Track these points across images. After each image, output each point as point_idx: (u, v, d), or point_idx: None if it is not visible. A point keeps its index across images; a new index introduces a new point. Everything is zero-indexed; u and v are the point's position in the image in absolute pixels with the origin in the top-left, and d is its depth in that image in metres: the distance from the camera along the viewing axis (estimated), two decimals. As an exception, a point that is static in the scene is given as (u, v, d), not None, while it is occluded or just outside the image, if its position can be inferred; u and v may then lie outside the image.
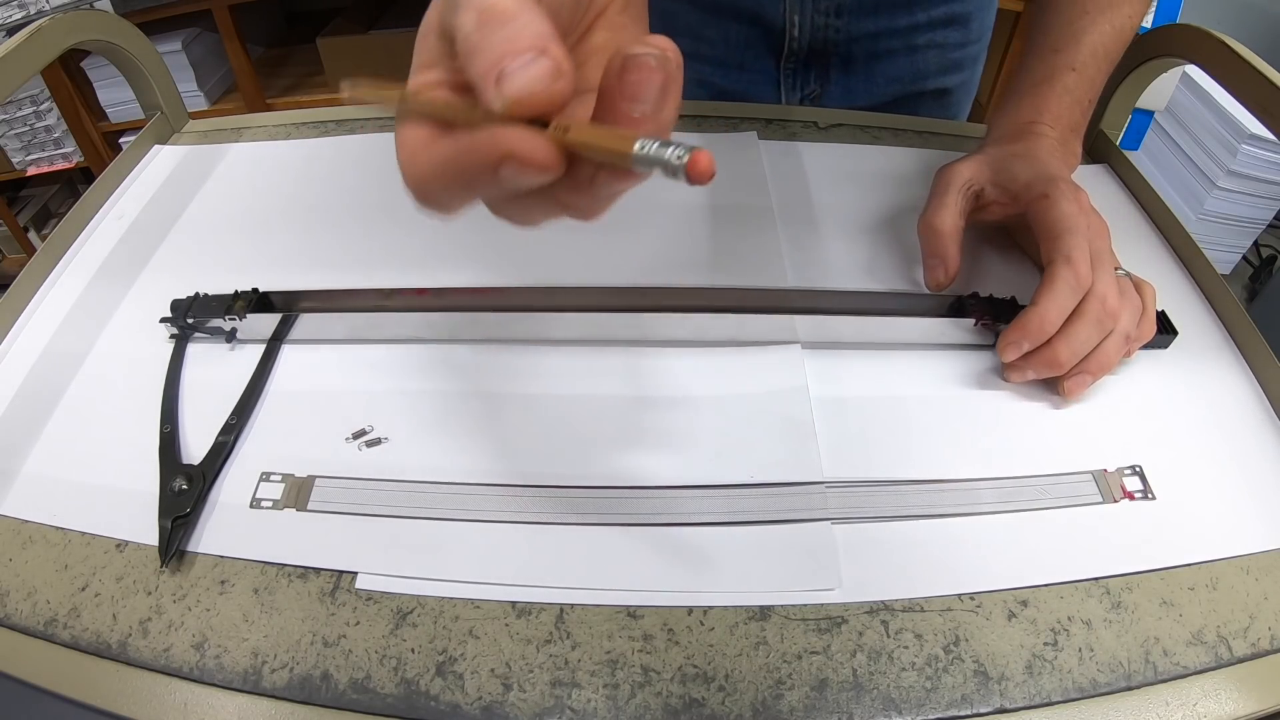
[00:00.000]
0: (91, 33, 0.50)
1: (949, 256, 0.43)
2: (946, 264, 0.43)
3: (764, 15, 0.61)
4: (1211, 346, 0.44)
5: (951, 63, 0.66)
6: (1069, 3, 0.47)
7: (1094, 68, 0.47)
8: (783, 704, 0.30)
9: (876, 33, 0.62)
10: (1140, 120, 1.63)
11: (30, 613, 0.32)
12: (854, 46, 0.63)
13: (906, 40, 0.63)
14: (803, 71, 0.65)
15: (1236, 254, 1.67)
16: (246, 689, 0.30)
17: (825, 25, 0.61)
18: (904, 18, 0.62)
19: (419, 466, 0.37)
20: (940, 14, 0.62)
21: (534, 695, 0.30)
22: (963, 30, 0.64)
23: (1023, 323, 0.38)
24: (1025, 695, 0.30)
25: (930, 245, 0.44)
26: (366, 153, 0.57)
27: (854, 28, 0.61)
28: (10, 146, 1.69)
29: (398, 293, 0.43)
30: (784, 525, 0.35)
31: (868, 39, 0.62)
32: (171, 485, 0.35)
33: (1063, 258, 0.38)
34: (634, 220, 0.50)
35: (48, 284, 0.47)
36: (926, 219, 0.44)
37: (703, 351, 0.42)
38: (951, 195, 0.44)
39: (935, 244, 0.44)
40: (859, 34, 0.62)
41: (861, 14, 0.61)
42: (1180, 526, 0.35)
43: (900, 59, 0.64)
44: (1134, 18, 0.48)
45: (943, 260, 0.43)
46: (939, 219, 0.44)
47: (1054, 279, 0.38)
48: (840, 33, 0.62)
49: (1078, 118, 0.47)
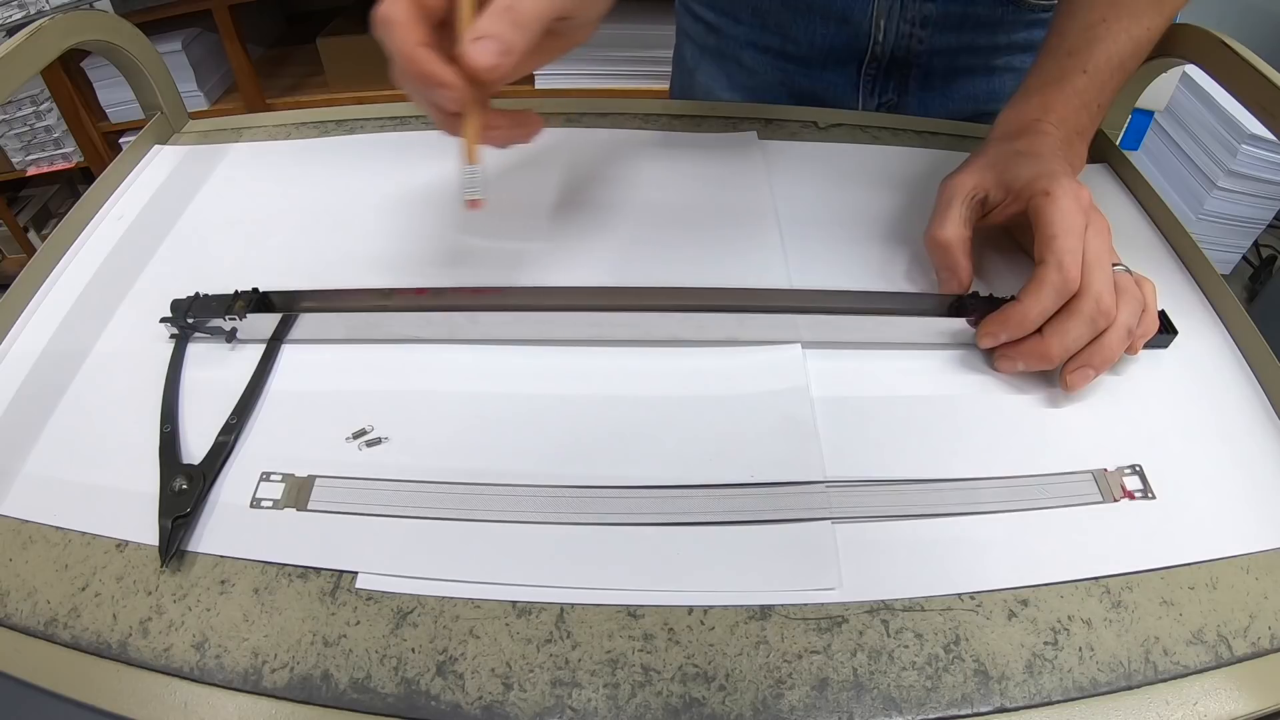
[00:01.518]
0: (91, 33, 0.50)
1: (960, 268, 0.43)
2: (958, 275, 0.43)
3: (851, 17, 0.62)
4: (1211, 346, 0.44)
5: None
6: (1088, 8, 0.47)
7: (1106, 74, 0.47)
8: (783, 703, 0.30)
9: (957, 48, 0.63)
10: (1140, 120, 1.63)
11: (30, 613, 0.32)
12: (934, 59, 0.63)
13: (985, 60, 0.64)
14: (883, 79, 0.65)
15: (1236, 254, 1.67)
16: (247, 689, 0.30)
17: (909, 34, 0.62)
18: (985, 37, 0.62)
19: (419, 466, 0.37)
20: (1021, 39, 0.63)
21: (534, 695, 0.30)
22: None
23: (1003, 316, 0.39)
24: (1025, 695, 0.30)
25: (940, 259, 0.44)
26: (366, 153, 0.57)
27: (936, 40, 0.62)
28: (10, 146, 1.69)
29: (397, 293, 0.43)
30: (784, 525, 0.35)
31: (948, 53, 0.63)
32: (171, 485, 0.35)
33: (1054, 259, 0.38)
34: (634, 220, 0.50)
35: (48, 284, 0.47)
36: (933, 233, 0.44)
37: (703, 351, 0.42)
38: (956, 206, 0.44)
39: (945, 257, 0.44)
40: (940, 47, 0.62)
41: (945, 28, 0.61)
42: (1180, 526, 0.35)
43: (978, 78, 0.65)
44: (1153, 30, 0.47)
45: (954, 272, 0.43)
46: (945, 232, 0.44)
47: (1040, 280, 0.38)
48: (923, 44, 0.62)
49: (1085, 121, 0.47)
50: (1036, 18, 0.61)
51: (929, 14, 0.60)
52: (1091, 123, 0.48)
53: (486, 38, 0.32)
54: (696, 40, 0.72)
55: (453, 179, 0.53)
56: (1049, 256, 0.38)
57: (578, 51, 1.89)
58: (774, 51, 0.67)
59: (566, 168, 0.55)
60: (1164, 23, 0.48)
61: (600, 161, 0.55)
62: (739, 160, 0.56)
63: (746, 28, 0.67)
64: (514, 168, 0.55)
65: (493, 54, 0.32)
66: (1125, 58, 0.47)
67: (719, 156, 0.56)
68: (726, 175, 0.54)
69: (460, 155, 0.37)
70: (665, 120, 0.60)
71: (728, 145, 0.57)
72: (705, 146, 0.57)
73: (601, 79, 1.58)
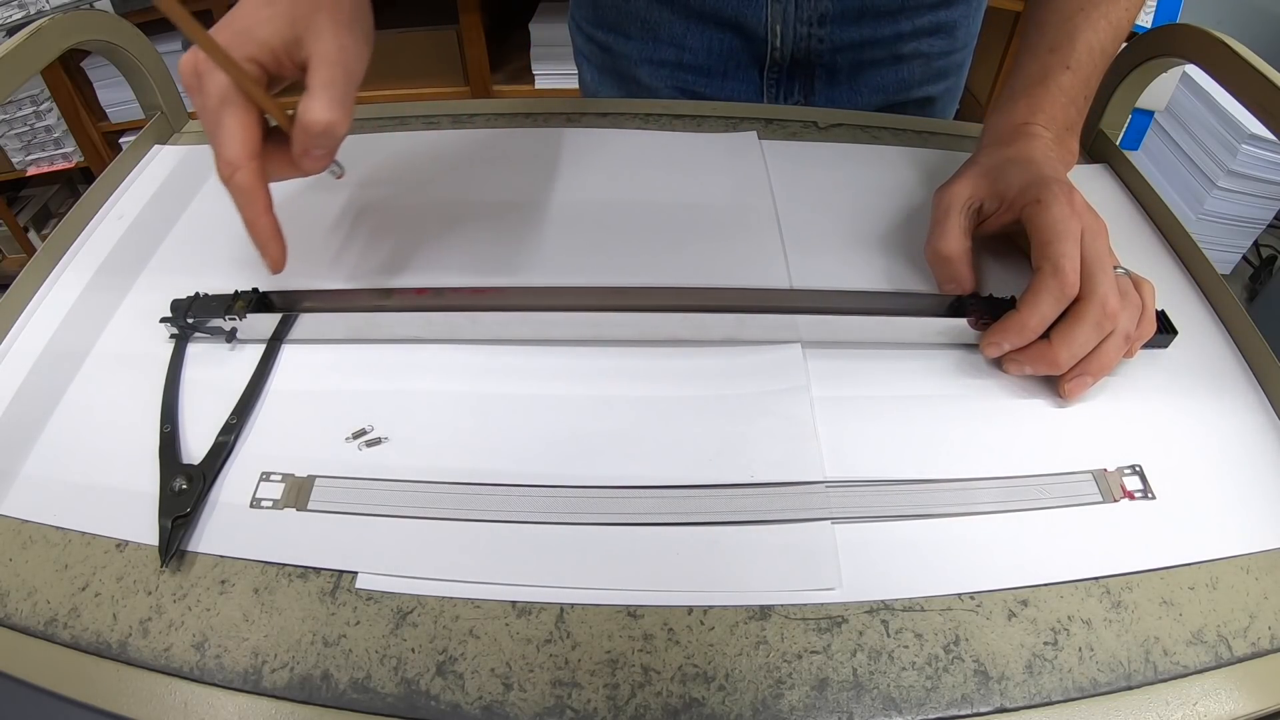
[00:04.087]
0: (91, 33, 0.50)
1: (962, 279, 0.43)
2: (962, 286, 0.43)
3: (745, 24, 0.61)
4: (1211, 346, 0.44)
5: (936, 71, 0.66)
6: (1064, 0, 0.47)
7: (1090, 65, 0.47)
8: (783, 703, 0.30)
9: (860, 42, 0.61)
10: (1140, 120, 1.63)
11: (30, 613, 0.32)
12: (838, 56, 0.62)
13: (891, 50, 0.62)
14: (786, 81, 0.64)
15: (1236, 254, 1.67)
16: (247, 689, 0.30)
17: (808, 35, 0.61)
18: (888, 27, 0.61)
19: (419, 466, 0.37)
20: (926, 23, 0.61)
21: (534, 695, 0.30)
22: (948, 39, 0.64)
23: (1004, 326, 0.39)
24: (1025, 695, 0.30)
25: (942, 271, 0.44)
26: (365, 152, 0.56)
27: (837, 37, 0.61)
28: (10, 146, 1.69)
29: (397, 293, 0.43)
30: (784, 525, 0.35)
31: (852, 49, 0.62)
32: (171, 485, 0.35)
33: (1050, 266, 0.38)
34: (634, 220, 0.50)
35: (48, 284, 0.47)
36: (933, 245, 0.44)
37: (703, 351, 0.42)
38: (954, 217, 0.44)
39: (947, 270, 0.44)
40: (842, 44, 0.61)
41: (845, 23, 0.60)
42: (1180, 526, 0.35)
43: (885, 69, 0.64)
44: (1130, 11, 0.47)
45: (958, 283, 0.44)
46: (945, 244, 0.44)
47: (1039, 288, 0.38)
48: (823, 42, 0.61)
49: (1073, 116, 0.47)
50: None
51: (826, 11, 0.59)
52: (1080, 115, 0.47)
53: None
54: (593, 61, 0.70)
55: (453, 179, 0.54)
56: (1045, 264, 0.38)
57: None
58: (670, 64, 0.65)
59: (567, 168, 0.55)
60: (1139, 2, 0.48)
61: (600, 161, 0.55)
62: (739, 160, 0.56)
63: (638, 44, 0.65)
64: (514, 168, 0.55)
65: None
66: (1106, 44, 0.47)
67: (719, 156, 0.56)
68: (726, 175, 0.54)
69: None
70: (665, 120, 0.60)
71: (728, 145, 0.57)
72: (705, 146, 0.57)
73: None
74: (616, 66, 0.68)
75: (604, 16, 0.66)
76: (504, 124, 0.59)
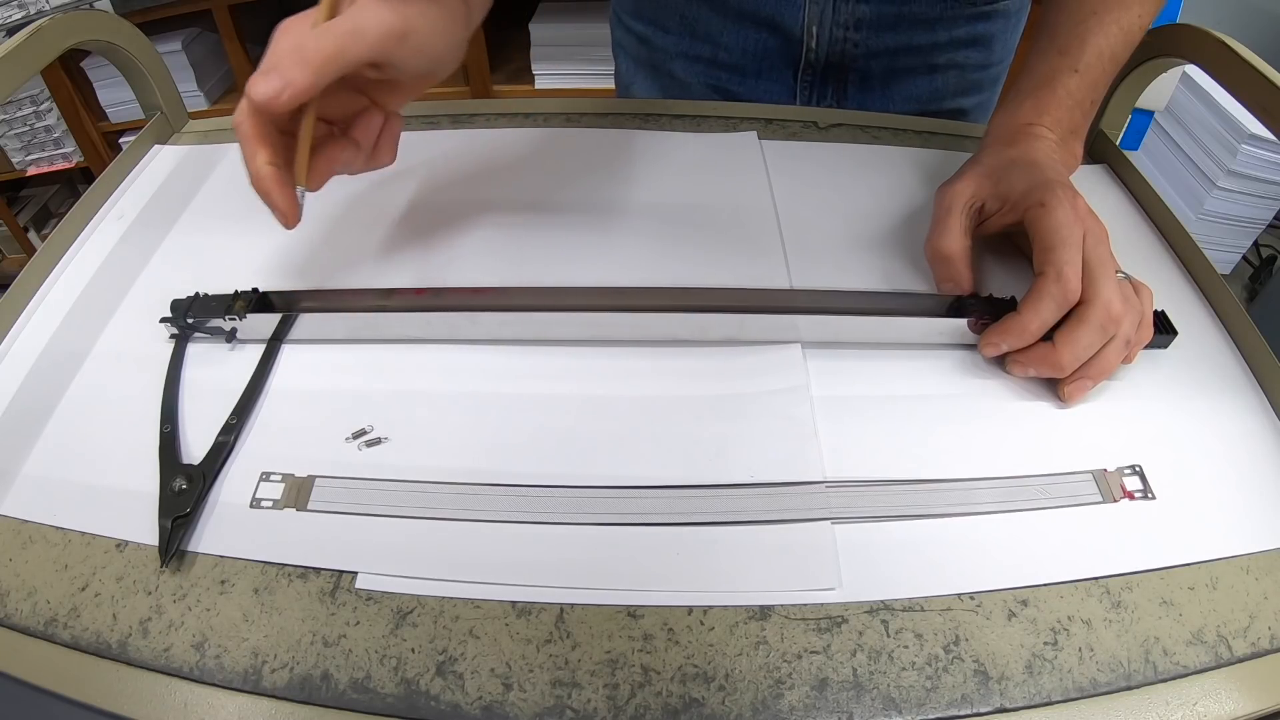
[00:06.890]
0: (91, 33, 0.50)
1: (961, 278, 0.43)
2: (961, 285, 0.43)
3: (782, 24, 0.60)
4: (1211, 346, 0.44)
5: (971, 84, 0.65)
6: (1077, 3, 0.47)
7: (1098, 70, 0.46)
8: (783, 704, 0.30)
9: (895, 49, 0.61)
10: (1140, 120, 1.63)
11: (30, 613, 0.32)
12: (872, 62, 0.62)
13: (926, 59, 0.62)
14: (819, 85, 0.64)
15: (1236, 254, 1.67)
16: (246, 689, 0.30)
17: (844, 38, 0.60)
18: (924, 36, 0.60)
19: (419, 466, 0.37)
20: (963, 34, 0.61)
21: (534, 695, 0.30)
22: (985, 51, 0.63)
23: (1003, 327, 0.39)
24: (1025, 695, 0.30)
25: (941, 270, 0.44)
26: (366, 153, 0.56)
27: (872, 43, 0.60)
28: (10, 146, 1.69)
29: (397, 293, 0.43)
30: (784, 525, 0.35)
31: (886, 55, 0.61)
32: (171, 485, 0.35)
33: (1053, 270, 0.38)
34: (634, 220, 0.50)
35: (48, 284, 0.47)
36: (933, 244, 0.44)
37: (703, 351, 0.42)
38: (955, 217, 0.44)
39: (946, 269, 0.44)
40: (877, 49, 0.61)
41: (880, 29, 0.60)
42: (1180, 526, 0.35)
43: (919, 77, 0.63)
44: (1144, 18, 0.47)
45: (956, 283, 0.43)
46: (945, 243, 0.43)
47: (1040, 292, 0.38)
48: (858, 47, 0.61)
49: (1079, 120, 0.47)
50: (979, 11, 0.60)
51: (862, 16, 0.59)
52: (1085, 119, 0.47)
53: (270, 72, 0.34)
54: (630, 52, 0.70)
55: (452, 179, 0.54)
56: (1048, 268, 0.38)
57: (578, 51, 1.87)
58: (705, 61, 0.65)
59: (566, 168, 0.55)
60: (1155, 8, 0.47)
61: (600, 161, 0.55)
62: (739, 160, 0.56)
63: (675, 38, 0.65)
64: (514, 168, 0.55)
65: (270, 87, 0.33)
66: (1117, 49, 0.46)
67: (719, 156, 0.56)
68: (726, 175, 0.54)
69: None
70: (665, 120, 0.60)
71: (728, 145, 0.57)
72: (705, 146, 0.57)
73: (602, 79, 1.58)
74: (652, 59, 0.68)
75: (644, 9, 0.67)
76: (504, 124, 0.59)
